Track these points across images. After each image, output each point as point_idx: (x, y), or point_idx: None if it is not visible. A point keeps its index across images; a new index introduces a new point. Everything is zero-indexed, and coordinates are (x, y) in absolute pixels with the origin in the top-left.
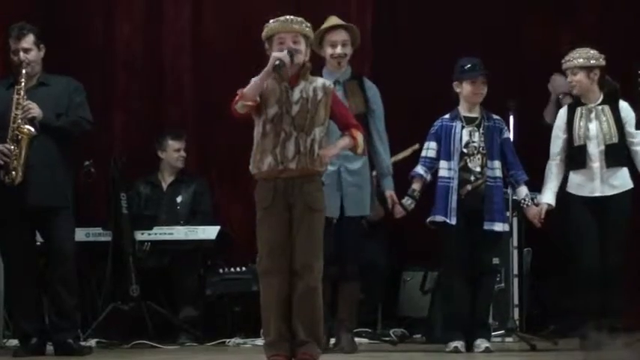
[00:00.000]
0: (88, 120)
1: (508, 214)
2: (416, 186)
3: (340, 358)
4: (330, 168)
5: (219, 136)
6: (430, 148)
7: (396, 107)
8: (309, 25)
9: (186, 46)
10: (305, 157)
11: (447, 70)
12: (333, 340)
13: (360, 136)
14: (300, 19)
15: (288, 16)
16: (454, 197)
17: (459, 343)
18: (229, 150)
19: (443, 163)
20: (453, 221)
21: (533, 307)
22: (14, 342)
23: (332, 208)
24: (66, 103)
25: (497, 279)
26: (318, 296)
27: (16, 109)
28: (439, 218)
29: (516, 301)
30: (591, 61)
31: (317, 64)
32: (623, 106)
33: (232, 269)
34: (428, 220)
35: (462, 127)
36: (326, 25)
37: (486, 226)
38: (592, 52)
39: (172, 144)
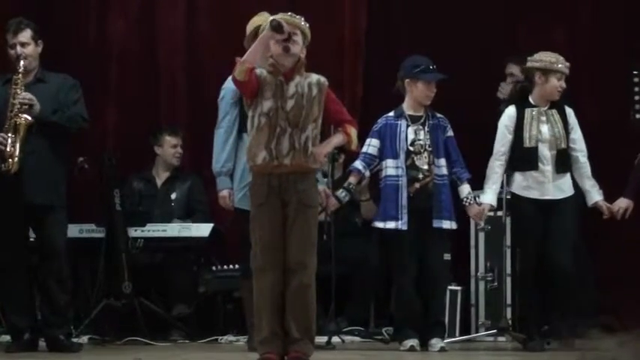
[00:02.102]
0: (83, 117)
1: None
2: (352, 180)
3: (332, 355)
4: None
5: (213, 134)
6: (371, 145)
7: (389, 107)
8: (307, 24)
9: (180, 43)
10: (299, 153)
11: (440, 70)
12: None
13: (353, 132)
14: (299, 16)
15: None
16: (404, 195)
17: (414, 342)
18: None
19: (389, 162)
20: (404, 225)
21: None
22: (7, 337)
23: None
24: (62, 101)
25: (491, 278)
26: (311, 293)
27: (14, 98)
28: (390, 225)
29: (509, 300)
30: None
31: None
32: (570, 112)
33: (225, 267)
34: (377, 224)
35: (407, 126)
36: (262, 21)
37: (435, 224)
38: None
39: (169, 140)
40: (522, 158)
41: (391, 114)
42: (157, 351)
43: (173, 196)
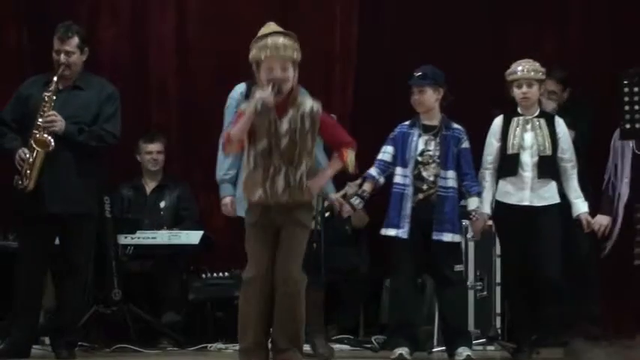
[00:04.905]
0: (113, 134)
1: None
2: (366, 187)
3: None
4: None
5: (204, 140)
6: (386, 152)
7: (379, 114)
8: (297, 45)
9: (171, 49)
10: (295, 189)
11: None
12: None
13: (350, 154)
14: (288, 42)
15: (277, 40)
16: (407, 204)
17: (403, 350)
18: (214, 154)
19: (398, 170)
20: (404, 234)
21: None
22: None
23: None
24: (96, 112)
25: (480, 287)
26: (300, 305)
27: (41, 116)
28: (390, 232)
29: (498, 309)
30: (543, 75)
31: None
32: (559, 121)
33: (215, 274)
34: (381, 231)
35: (419, 135)
36: (265, 31)
37: (435, 236)
38: (538, 64)
39: (144, 147)
40: (505, 165)
41: (407, 123)
42: (146, 358)
43: (162, 204)
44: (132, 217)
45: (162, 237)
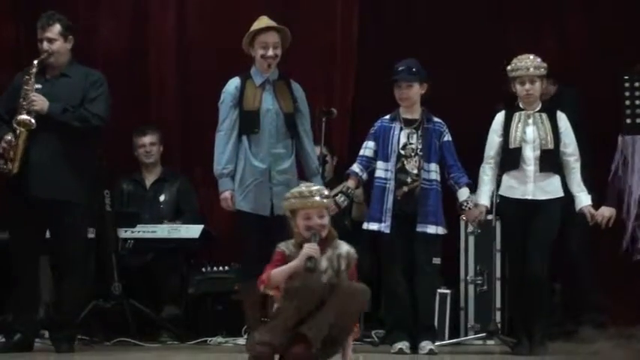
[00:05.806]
0: (98, 115)
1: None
2: (350, 184)
3: None
4: (262, 166)
5: (204, 135)
6: (368, 148)
7: (380, 113)
8: (327, 193)
9: (171, 45)
10: None
11: (431, 75)
12: None
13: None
14: (324, 191)
15: (312, 188)
16: (390, 198)
17: (403, 344)
18: (213, 149)
19: (380, 164)
20: (387, 228)
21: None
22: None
23: (263, 206)
24: (81, 98)
25: (480, 281)
26: None
27: (23, 100)
28: (373, 226)
29: (498, 304)
30: (545, 70)
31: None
32: (561, 116)
33: (215, 268)
34: (364, 225)
35: (401, 129)
36: (257, 26)
37: (419, 228)
38: (539, 60)
39: (136, 141)
40: (507, 159)
41: (387, 117)
42: (147, 352)
43: (162, 197)
44: (132, 210)
45: (163, 231)
